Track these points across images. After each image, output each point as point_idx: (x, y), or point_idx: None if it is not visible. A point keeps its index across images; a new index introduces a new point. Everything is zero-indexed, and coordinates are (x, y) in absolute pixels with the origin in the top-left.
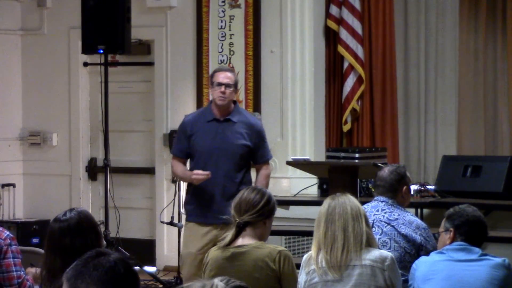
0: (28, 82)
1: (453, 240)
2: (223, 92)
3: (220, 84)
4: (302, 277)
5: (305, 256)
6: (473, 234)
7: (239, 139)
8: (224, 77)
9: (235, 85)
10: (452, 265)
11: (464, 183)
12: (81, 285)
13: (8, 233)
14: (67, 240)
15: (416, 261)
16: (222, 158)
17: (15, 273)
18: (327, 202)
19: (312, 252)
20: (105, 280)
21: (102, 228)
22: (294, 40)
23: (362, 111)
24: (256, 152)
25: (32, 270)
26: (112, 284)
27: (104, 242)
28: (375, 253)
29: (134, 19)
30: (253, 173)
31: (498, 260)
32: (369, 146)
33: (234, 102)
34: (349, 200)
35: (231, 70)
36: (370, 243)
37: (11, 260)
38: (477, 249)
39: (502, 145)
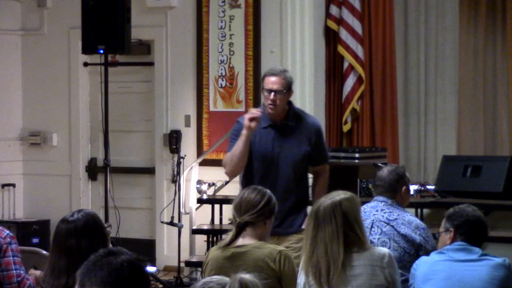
0: (28, 82)
1: (453, 240)
2: (273, 100)
3: (269, 91)
4: (301, 278)
5: (302, 258)
6: (473, 234)
7: (300, 144)
8: (273, 82)
9: (288, 88)
10: (452, 265)
11: (464, 183)
12: (87, 283)
13: (8, 231)
14: (73, 241)
15: (417, 261)
16: (282, 166)
17: (14, 271)
18: (311, 219)
19: (302, 266)
20: (107, 282)
21: (110, 231)
22: (294, 40)
23: (362, 111)
24: (315, 154)
25: (36, 273)
26: (114, 286)
27: (111, 245)
28: (372, 252)
29: (134, 19)
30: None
31: (498, 260)
32: (369, 146)
33: (289, 102)
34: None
35: (282, 72)
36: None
37: (11, 258)
38: (477, 249)
39: (501, 145)
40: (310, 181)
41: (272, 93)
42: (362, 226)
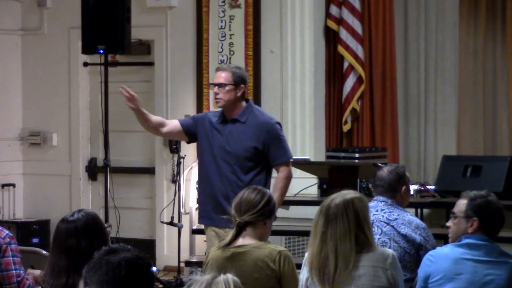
0: (28, 82)
1: (475, 230)
2: (216, 93)
3: (214, 85)
4: (303, 274)
5: (306, 254)
6: (496, 227)
7: (245, 140)
8: (217, 77)
9: (235, 83)
10: (475, 267)
11: (464, 183)
12: (89, 282)
13: (7, 232)
14: (73, 241)
15: (432, 253)
16: (226, 161)
17: (14, 271)
18: (321, 215)
19: (306, 261)
20: (104, 281)
21: (110, 231)
22: (294, 40)
23: (362, 111)
24: (268, 154)
25: (34, 272)
26: (111, 285)
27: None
28: (376, 253)
29: (134, 19)
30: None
31: None
32: (369, 146)
33: (247, 100)
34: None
35: (229, 67)
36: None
37: (11, 258)
38: (496, 246)
39: (501, 145)
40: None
41: (216, 87)
42: (371, 227)
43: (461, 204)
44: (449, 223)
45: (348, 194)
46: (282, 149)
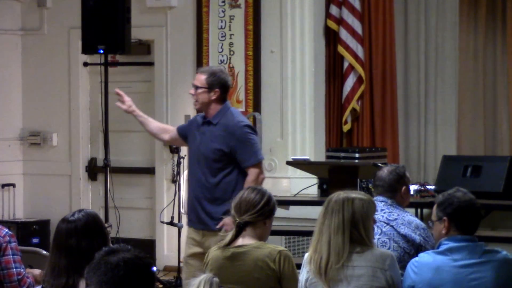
0: (28, 82)
1: (448, 230)
2: (191, 94)
3: (192, 86)
4: (303, 275)
5: (306, 255)
6: (467, 221)
7: (213, 142)
8: (195, 78)
9: (209, 86)
10: (458, 273)
11: (464, 183)
12: (88, 281)
13: (7, 230)
14: (73, 241)
15: (415, 262)
16: (199, 162)
17: (14, 270)
18: (323, 207)
19: (307, 257)
20: (103, 281)
21: (110, 231)
22: (294, 40)
23: (362, 111)
24: (236, 157)
25: (34, 272)
26: (110, 285)
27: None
28: (375, 254)
29: (134, 19)
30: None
31: (500, 257)
32: (369, 146)
33: (224, 102)
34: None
35: (207, 70)
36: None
37: (11, 257)
38: (478, 245)
39: (501, 145)
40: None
41: (193, 88)
42: (368, 228)
43: (433, 209)
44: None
45: (355, 193)
46: (250, 151)
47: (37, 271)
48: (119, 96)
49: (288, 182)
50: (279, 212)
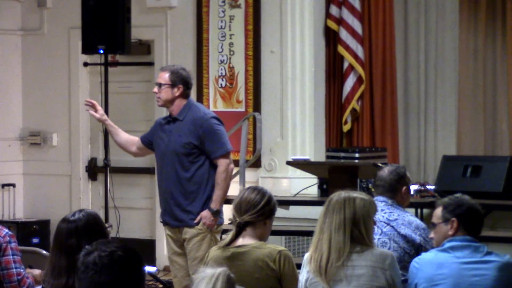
0: (28, 82)
1: (456, 231)
2: (155, 92)
3: (156, 84)
4: (303, 275)
5: (306, 255)
6: (475, 224)
7: (182, 137)
8: (159, 76)
9: (173, 83)
10: (459, 268)
11: (464, 183)
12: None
13: (7, 230)
14: (73, 241)
15: (417, 259)
16: (170, 160)
17: (14, 270)
18: (325, 206)
19: (307, 256)
20: (83, 279)
21: (110, 231)
22: (294, 40)
23: (362, 111)
24: (205, 149)
25: (33, 272)
26: (92, 284)
27: None
28: (375, 253)
29: (134, 19)
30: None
31: (503, 259)
32: (369, 146)
33: (188, 98)
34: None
35: (169, 67)
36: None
37: (11, 257)
38: (481, 246)
39: (501, 145)
40: None
41: (156, 87)
42: (369, 228)
43: (438, 212)
44: (431, 235)
45: (356, 193)
46: (218, 142)
47: (37, 271)
48: (91, 105)
49: (288, 182)
50: (279, 212)
